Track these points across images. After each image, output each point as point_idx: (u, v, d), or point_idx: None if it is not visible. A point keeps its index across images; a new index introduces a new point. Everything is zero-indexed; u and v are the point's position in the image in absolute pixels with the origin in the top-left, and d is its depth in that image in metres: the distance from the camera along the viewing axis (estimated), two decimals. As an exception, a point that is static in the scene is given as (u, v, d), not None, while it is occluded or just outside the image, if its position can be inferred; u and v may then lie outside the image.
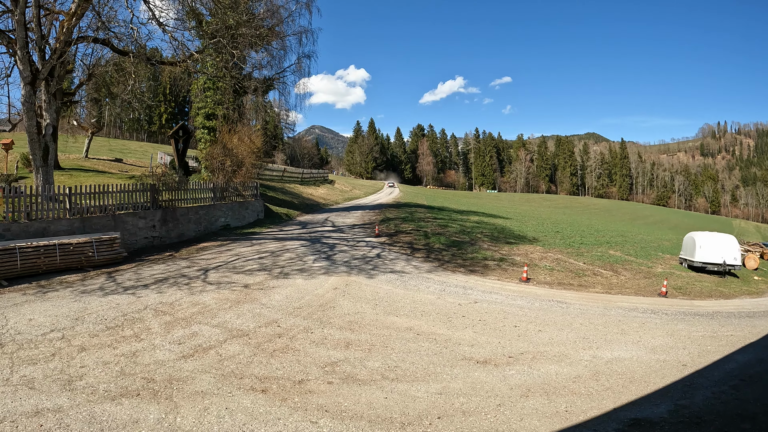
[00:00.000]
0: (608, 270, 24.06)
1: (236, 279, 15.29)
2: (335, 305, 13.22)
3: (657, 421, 7.67)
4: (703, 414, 8.13)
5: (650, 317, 16.17)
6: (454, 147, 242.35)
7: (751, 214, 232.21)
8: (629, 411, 8.05)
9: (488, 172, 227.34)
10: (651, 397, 8.81)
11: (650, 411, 8.11)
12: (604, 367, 10.38)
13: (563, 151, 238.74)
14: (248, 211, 28.96)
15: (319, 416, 6.87)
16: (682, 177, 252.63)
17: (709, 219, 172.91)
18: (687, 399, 8.83)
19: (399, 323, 12.12)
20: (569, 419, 7.51)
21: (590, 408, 8.00)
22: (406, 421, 6.92)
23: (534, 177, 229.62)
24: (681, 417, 7.92)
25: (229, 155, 29.36)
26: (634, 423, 7.54)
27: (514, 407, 7.73)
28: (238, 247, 21.03)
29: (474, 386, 8.43)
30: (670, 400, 8.69)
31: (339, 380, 8.18)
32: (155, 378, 7.84)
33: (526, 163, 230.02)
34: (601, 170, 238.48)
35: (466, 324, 12.70)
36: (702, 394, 9.20)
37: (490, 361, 9.96)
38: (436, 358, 9.76)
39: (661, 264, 29.19)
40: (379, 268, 18.35)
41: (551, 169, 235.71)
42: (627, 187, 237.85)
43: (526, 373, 9.40)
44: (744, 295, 25.23)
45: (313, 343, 9.95)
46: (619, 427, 7.34)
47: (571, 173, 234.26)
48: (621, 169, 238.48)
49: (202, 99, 33.65)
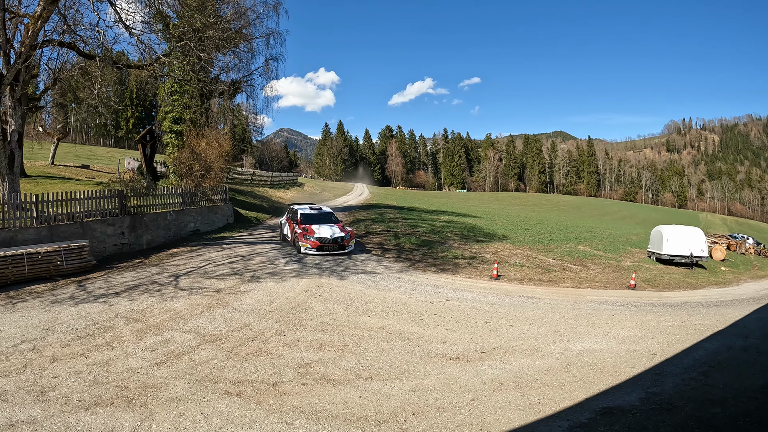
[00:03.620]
0: (578, 265, 24.38)
1: (208, 284, 15.22)
2: (307, 307, 13.25)
3: (628, 409, 7.86)
4: (673, 400, 8.34)
5: (620, 309, 16.47)
6: (423, 148, 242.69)
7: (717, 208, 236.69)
8: (601, 400, 8.23)
9: (457, 171, 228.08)
10: (622, 386, 9.00)
11: (622, 399, 8.29)
12: (575, 359, 10.57)
13: (531, 149, 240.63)
14: (218, 216, 28.75)
15: (295, 417, 6.91)
16: (649, 173, 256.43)
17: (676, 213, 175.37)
18: (657, 387, 9.05)
19: (371, 323, 12.21)
20: (542, 411, 7.65)
21: (563, 399, 8.15)
22: (381, 419, 6.99)
23: (503, 176, 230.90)
24: (652, 404, 8.12)
25: (198, 159, 29.06)
26: (606, 411, 7.71)
27: (488, 401, 7.85)
28: (208, 252, 20.90)
29: (447, 382, 8.54)
30: (640, 388, 8.90)
31: (313, 381, 8.22)
32: (129, 386, 7.80)
33: (495, 162, 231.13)
34: (569, 168, 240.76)
35: (438, 322, 12.85)
36: (672, 381, 9.45)
37: (462, 357, 10.09)
38: (409, 356, 9.87)
39: (629, 258, 29.66)
40: (350, 270, 18.41)
41: (520, 168, 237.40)
42: (595, 184, 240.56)
43: (498, 368, 9.55)
44: (711, 285, 25.76)
45: (286, 346, 9.98)
46: (591, 416, 7.49)
47: (540, 171, 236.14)
48: (589, 167, 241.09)
49: (169, 103, 33.27)
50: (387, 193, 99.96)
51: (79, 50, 22.27)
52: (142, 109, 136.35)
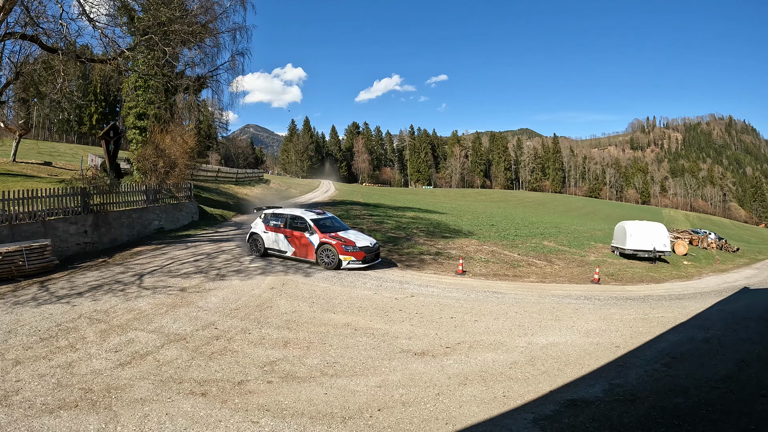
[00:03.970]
0: (542, 260, 24.66)
1: (172, 283, 15.08)
2: (272, 305, 13.23)
3: (593, 401, 7.99)
4: (637, 391, 8.51)
5: (584, 303, 16.71)
6: (389, 144, 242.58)
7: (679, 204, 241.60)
8: (565, 392, 8.36)
9: (424, 168, 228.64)
10: (586, 378, 9.16)
11: (586, 391, 8.44)
12: (539, 352, 10.73)
13: (497, 146, 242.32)
14: (182, 213, 28.46)
15: (260, 416, 6.90)
16: (613, 170, 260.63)
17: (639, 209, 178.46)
18: (621, 378, 9.22)
19: (336, 320, 12.24)
20: (507, 404, 7.75)
21: (527, 392, 8.27)
22: (347, 416, 7.02)
23: (469, 172, 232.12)
24: (616, 395, 8.27)
25: (162, 156, 28.68)
26: (570, 403, 7.83)
27: (453, 395, 7.93)
28: (173, 250, 20.69)
29: (413, 377, 8.60)
30: (604, 380, 9.06)
31: (278, 379, 8.21)
32: (93, 388, 7.71)
33: (461, 159, 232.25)
34: (534, 164, 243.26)
35: (403, 317, 12.94)
36: (635, 372, 9.63)
37: (427, 352, 10.17)
38: (374, 352, 9.92)
39: (593, 253, 30.08)
40: (315, 267, 18.33)
41: (486, 164, 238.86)
42: (560, 181, 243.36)
43: (463, 362, 9.65)
44: (674, 279, 26.26)
45: (251, 344, 9.95)
46: (556, 409, 7.60)
47: (506, 168, 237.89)
48: (554, 163, 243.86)
49: (133, 98, 32.71)
50: (353, 189, 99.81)
51: (42, 43, 21.87)
52: (106, 104, 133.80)
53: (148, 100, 32.06)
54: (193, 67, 32.31)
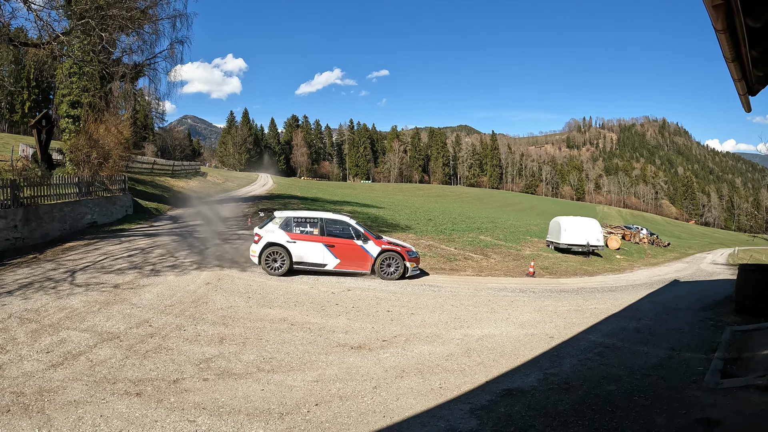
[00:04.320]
0: (479, 254, 25.04)
1: (105, 279, 14.65)
2: (208, 300, 13.06)
3: (528, 390, 8.15)
4: (571, 380, 8.72)
5: (519, 296, 17.08)
6: (328, 138, 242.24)
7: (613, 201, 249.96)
8: (501, 383, 8.50)
9: (362, 162, 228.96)
10: (521, 368, 9.35)
11: (521, 381, 8.60)
12: (475, 344, 10.90)
13: (436, 142, 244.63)
14: (116, 207, 27.81)
15: (197, 414, 6.79)
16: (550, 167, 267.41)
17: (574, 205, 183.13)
18: (555, 368, 9.45)
19: (273, 315, 12.18)
20: (444, 395, 7.84)
21: (464, 383, 8.39)
22: (284, 411, 6.98)
23: (407, 167, 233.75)
24: (550, 384, 8.46)
25: (96, 147, 27.89)
26: (506, 393, 7.97)
27: (390, 388, 7.98)
28: (106, 245, 20.14)
29: (349, 371, 8.62)
30: (539, 370, 9.26)
31: (215, 376, 8.11)
32: (25, 391, 7.43)
33: (400, 154, 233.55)
34: (472, 161, 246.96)
35: (340, 311, 12.99)
36: (569, 362, 9.89)
37: (364, 346, 10.24)
38: (311, 346, 9.91)
39: (529, 247, 30.71)
40: (252, 261, 18.17)
41: (424, 160, 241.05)
42: (497, 177, 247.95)
43: (400, 355, 9.75)
44: (607, 272, 27.10)
45: (186, 341, 9.78)
46: (492, 398, 7.72)
47: (444, 164, 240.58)
48: (492, 160, 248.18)
49: (67, 85, 31.45)
50: (291, 183, 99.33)
51: (-29, 25, 20.94)
52: (39, 91, 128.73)
53: (83, 88, 30.93)
54: (131, 54, 31.39)
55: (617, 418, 7.09)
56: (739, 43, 8.42)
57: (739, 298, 15.63)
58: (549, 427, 6.75)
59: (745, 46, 8.56)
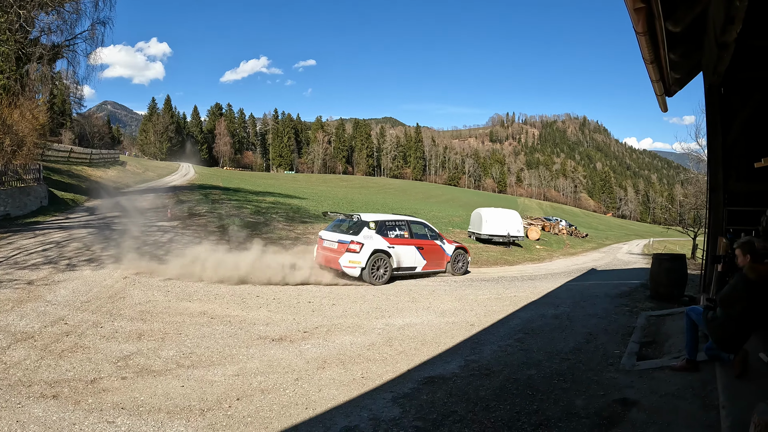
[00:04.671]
0: (403, 246, 25.24)
1: (19, 276, 13.98)
2: (126, 295, 12.68)
3: (449, 377, 8.22)
4: (491, 366, 8.83)
5: (439, 285, 17.35)
6: (252, 127, 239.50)
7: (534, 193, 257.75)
8: (423, 371, 8.56)
9: (286, 153, 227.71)
10: (442, 356, 9.45)
11: (442, 368, 8.67)
12: (396, 333, 10.99)
13: (361, 133, 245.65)
14: (30, 198, 26.70)
15: (116, 415, 6.54)
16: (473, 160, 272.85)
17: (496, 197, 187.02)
18: (476, 354, 9.57)
19: (192, 308, 11.95)
20: (366, 385, 7.84)
21: (385, 372, 8.41)
22: (206, 407, 6.84)
23: (332, 158, 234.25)
24: (471, 371, 8.56)
25: (9, 133, 26.55)
26: (428, 381, 8.02)
27: (312, 380, 7.93)
28: (20, 239, 19.30)
29: (271, 364, 8.53)
30: (460, 357, 9.36)
31: (133, 374, 7.86)
32: (-64, 400, 7.03)
33: (324, 145, 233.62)
34: (396, 152, 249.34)
35: (261, 303, 12.91)
36: (489, 348, 10.02)
37: (285, 337, 10.17)
38: (232, 340, 9.77)
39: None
40: (172, 253, 17.72)
41: (348, 151, 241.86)
42: (421, 169, 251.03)
43: (321, 346, 9.71)
44: (527, 261, 27.86)
45: (103, 338, 9.45)
46: (414, 386, 7.75)
47: (368, 155, 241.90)
48: (416, 152, 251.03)
49: (-21, 66, 30.01)
50: (213, 173, 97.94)
51: None
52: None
53: (-3, 69, 29.42)
54: (49, 34, 29.93)
55: (537, 401, 7.23)
56: (659, 46, 8.77)
57: (653, 285, 16.38)
58: (471, 412, 6.83)
59: (663, 49, 8.92)
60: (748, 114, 11.72)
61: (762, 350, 7.92)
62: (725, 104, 12.06)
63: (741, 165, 11.88)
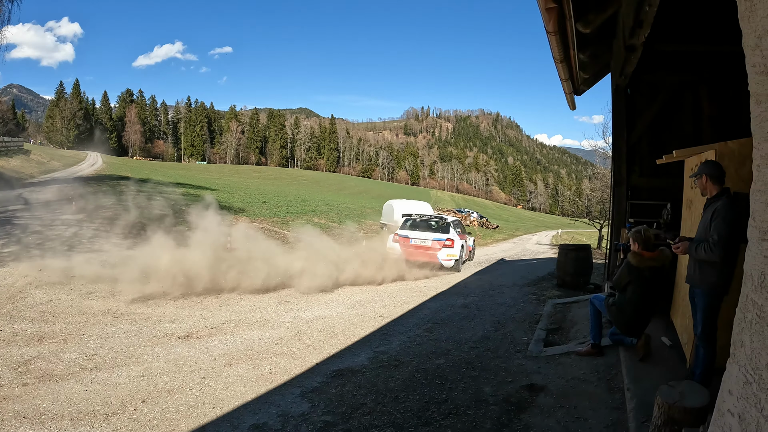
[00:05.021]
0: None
1: None
2: (27, 295, 11.99)
3: (358, 369, 8.28)
4: (400, 356, 8.95)
5: (349, 276, 17.38)
6: (164, 116, 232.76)
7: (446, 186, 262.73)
8: (332, 364, 8.59)
9: (198, 143, 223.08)
10: (351, 348, 9.51)
11: (351, 361, 8.73)
12: (305, 326, 10.97)
13: (275, 123, 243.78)
14: None
15: (18, 425, 6.18)
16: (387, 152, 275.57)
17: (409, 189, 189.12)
18: (385, 345, 9.68)
19: (96, 307, 11.47)
20: (274, 380, 7.79)
21: (294, 366, 8.38)
22: (110, 412, 6.60)
23: (245, 149, 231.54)
24: (380, 362, 8.65)
25: None
26: (337, 374, 8.05)
27: (219, 377, 7.81)
28: None
29: (177, 363, 8.35)
30: (369, 349, 9.45)
31: (35, 380, 7.49)
32: None
33: (238, 135, 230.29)
34: (310, 143, 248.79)
35: (167, 300, 12.56)
36: (399, 339, 10.15)
37: (192, 334, 9.97)
38: (137, 339, 9.48)
39: (363, 229, 31.37)
40: (75, 249, 17.04)
41: (262, 142, 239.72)
42: (335, 160, 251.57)
43: (229, 342, 9.58)
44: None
45: (3, 342, 8.93)
46: (323, 380, 7.76)
47: (282, 146, 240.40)
48: (330, 143, 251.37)
49: None
50: (123, 163, 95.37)
51: None
52: None
53: None
54: (-48, 10, 28.10)
55: (447, 390, 7.37)
56: (569, 46, 9.08)
57: (559, 274, 17.11)
58: (380, 404, 6.90)
59: (573, 49, 9.23)
60: (652, 114, 12.38)
61: (664, 334, 8.39)
62: (631, 105, 12.66)
63: (644, 162, 12.51)
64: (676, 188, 9.78)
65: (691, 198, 7.78)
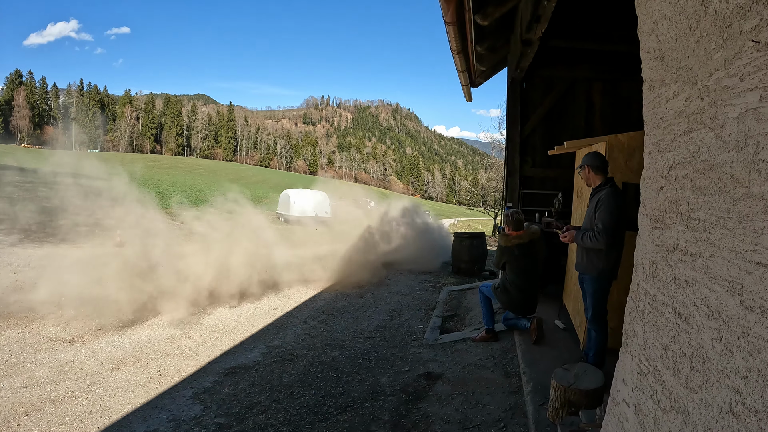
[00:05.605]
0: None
1: None
2: None
3: (252, 366, 8.04)
4: (295, 350, 8.77)
5: (240, 267, 17.02)
6: (54, 100, 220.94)
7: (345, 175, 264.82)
8: (224, 361, 8.30)
9: (91, 129, 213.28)
10: (244, 344, 9.23)
11: (244, 357, 8.48)
12: (196, 321, 10.63)
13: (171, 110, 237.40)
14: None
15: None
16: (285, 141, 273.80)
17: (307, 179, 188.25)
18: (279, 339, 9.46)
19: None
20: (164, 383, 7.43)
21: (184, 367, 8.04)
22: (-9, 429, 6.14)
23: (139, 136, 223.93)
24: (275, 357, 8.44)
25: None
26: (229, 372, 7.78)
27: (106, 383, 7.37)
28: None
29: (62, 369, 7.82)
30: (263, 344, 9.20)
31: None
32: None
33: (132, 121, 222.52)
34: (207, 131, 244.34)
35: (53, 301, 11.65)
36: (293, 332, 9.96)
37: (78, 337, 9.35)
38: (18, 345, 8.77)
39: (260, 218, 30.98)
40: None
41: (158, 129, 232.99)
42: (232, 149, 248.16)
43: (116, 344, 9.06)
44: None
45: None
46: (215, 380, 7.48)
47: (178, 134, 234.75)
48: (228, 132, 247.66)
49: None
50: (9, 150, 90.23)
51: None
52: None
53: None
54: None
55: (343, 382, 7.28)
56: (467, 37, 9.12)
57: (455, 261, 17.44)
58: (275, 401, 6.71)
59: (471, 41, 9.28)
60: (546, 108, 12.70)
61: (557, 318, 8.62)
62: (525, 98, 12.92)
63: (537, 153, 12.82)
64: (567, 178, 10.11)
65: (581, 188, 8.01)
